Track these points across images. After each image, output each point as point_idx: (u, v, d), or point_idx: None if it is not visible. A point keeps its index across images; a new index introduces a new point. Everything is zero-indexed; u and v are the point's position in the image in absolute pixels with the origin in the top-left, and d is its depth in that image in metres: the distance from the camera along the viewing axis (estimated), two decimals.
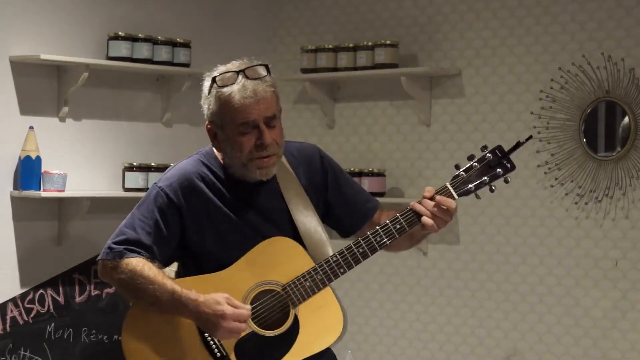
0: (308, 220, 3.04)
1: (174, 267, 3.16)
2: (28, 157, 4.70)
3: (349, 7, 5.50)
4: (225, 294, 2.91)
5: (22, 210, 4.79)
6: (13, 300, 4.77)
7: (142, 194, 4.95)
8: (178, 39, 5.20)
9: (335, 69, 5.31)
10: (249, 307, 2.92)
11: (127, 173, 4.99)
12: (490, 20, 5.06)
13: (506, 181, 3.03)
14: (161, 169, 5.06)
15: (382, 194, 5.15)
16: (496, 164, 2.99)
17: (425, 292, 5.21)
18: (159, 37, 5.12)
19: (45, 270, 4.88)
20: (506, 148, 3.01)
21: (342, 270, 2.97)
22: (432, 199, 2.97)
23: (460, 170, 3.00)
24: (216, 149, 3.03)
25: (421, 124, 5.25)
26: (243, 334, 2.92)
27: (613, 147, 4.70)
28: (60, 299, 4.92)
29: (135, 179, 4.98)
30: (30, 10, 4.80)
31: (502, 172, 3.00)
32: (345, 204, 3.14)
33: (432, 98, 5.21)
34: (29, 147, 4.71)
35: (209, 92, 2.98)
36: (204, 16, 5.51)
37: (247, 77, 2.94)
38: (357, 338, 5.30)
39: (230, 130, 2.94)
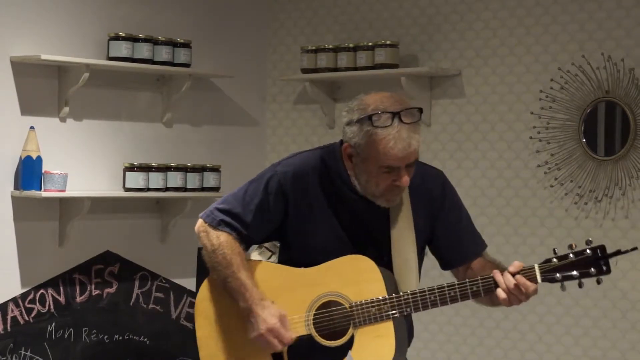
0: (405, 248, 3.06)
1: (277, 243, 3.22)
2: (29, 157, 4.70)
3: (349, 7, 5.51)
4: (285, 313, 2.97)
5: (23, 210, 4.79)
6: (14, 300, 4.77)
7: (142, 194, 5.02)
8: (178, 39, 5.20)
9: (336, 69, 5.31)
10: (294, 337, 2.97)
11: (127, 173, 4.99)
12: (490, 20, 5.06)
13: (598, 282, 2.97)
14: (162, 169, 5.07)
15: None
16: (592, 262, 2.94)
17: None
18: (160, 37, 5.12)
19: (46, 270, 4.88)
20: (609, 250, 2.95)
21: (408, 309, 3.02)
22: (514, 275, 2.95)
23: (554, 256, 2.96)
24: (347, 167, 3.04)
25: (421, 124, 5.25)
26: (299, 335, 2.98)
27: (613, 147, 4.71)
28: (61, 299, 4.92)
29: (136, 179, 4.98)
30: (30, 10, 4.80)
31: (595, 272, 2.94)
32: (449, 240, 3.15)
33: (432, 98, 5.21)
34: (30, 147, 4.71)
35: (360, 124, 2.94)
36: (204, 16, 5.51)
37: (402, 122, 2.92)
38: None
39: (371, 166, 2.95)
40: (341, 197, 3.05)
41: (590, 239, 2.97)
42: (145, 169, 5.02)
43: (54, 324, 4.88)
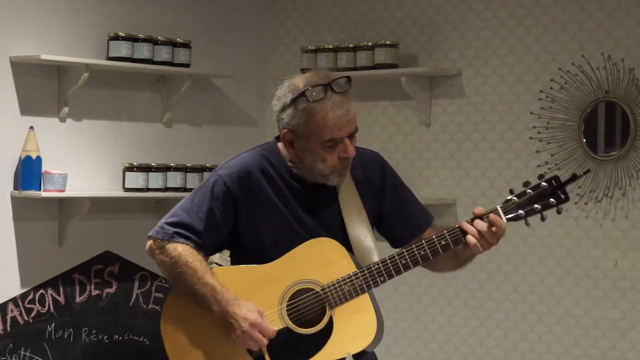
0: (359, 226, 3.07)
1: (225, 255, 3.21)
2: (28, 157, 4.70)
3: (349, 7, 5.51)
4: (260, 309, 2.96)
5: (23, 210, 4.79)
6: (13, 300, 4.77)
7: (142, 194, 5.02)
8: (178, 39, 5.20)
9: (335, 69, 5.31)
10: (276, 329, 2.96)
11: (127, 173, 4.99)
12: (490, 20, 5.06)
13: (559, 212, 3.00)
14: (161, 169, 5.07)
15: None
16: (550, 193, 2.98)
17: (425, 292, 5.22)
18: (159, 37, 5.12)
19: (45, 270, 4.88)
20: (563, 179, 2.99)
21: (382, 278, 3.00)
22: (480, 219, 2.98)
23: (513, 195, 3.00)
24: (289, 154, 3.05)
25: (421, 124, 5.25)
26: (277, 328, 2.97)
27: (613, 147, 4.71)
28: (61, 299, 4.92)
29: (136, 179, 4.98)
30: (30, 10, 4.81)
31: (555, 202, 2.98)
32: (398, 216, 3.17)
33: (432, 98, 5.21)
34: (30, 147, 4.71)
35: (295, 105, 2.98)
36: (204, 16, 5.51)
37: (334, 91, 2.97)
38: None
39: (314, 143, 2.97)
40: (288, 189, 3.05)
41: (543, 173, 3.04)
42: (145, 169, 5.03)
43: (53, 324, 4.88)
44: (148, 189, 5.02)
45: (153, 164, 5.07)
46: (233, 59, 5.61)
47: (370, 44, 5.22)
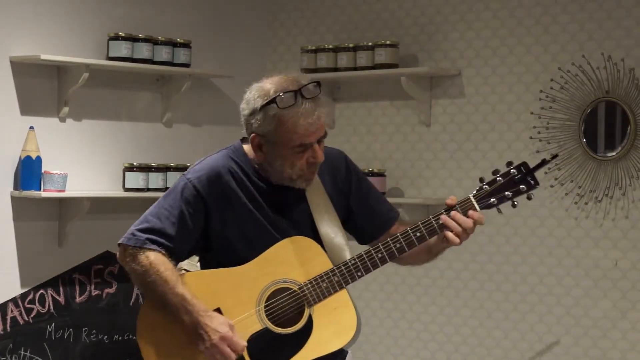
0: (329, 224, 3.07)
1: (193, 261, 3.20)
2: (28, 157, 4.70)
3: (349, 7, 5.51)
4: (232, 323, 2.94)
5: (23, 210, 4.79)
6: (13, 300, 4.77)
7: (142, 194, 5.02)
8: (178, 39, 5.20)
9: (336, 69, 5.31)
10: (245, 343, 2.94)
11: (127, 173, 4.99)
12: (490, 20, 5.06)
13: (529, 198, 3.05)
14: (161, 169, 5.07)
15: (382, 194, 5.15)
16: (520, 180, 3.03)
17: (425, 292, 5.22)
18: (159, 38, 5.12)
19: (45, 270, 4.88)
20: (531, 165, 3.03)
21: (359, 273, 3.01)
22: (454, 208, 2.99)
23: (484, 183, 3.04)
24: (257, 158, 3.04)
25: (421, 124, 5.25)
26: (255, 331, 2.96)
27: (613, 147, 4.71)
28: (61, 299, 4.92)
29: (136, 179, 4.98)
30: (30, 10, 4.81)
31: (525, 188, 3.02)
32: (366, 211, 3.18)
33: (432, 98, 5.21)
34: (30, 147, 4.71)
35: (264, 111, 2.97)
36: (204, 16, 5.51)
37: (304, 98, 2.95)
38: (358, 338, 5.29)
39: (283, 148, 2.97)
40: (256, 190, 3.05)
41: (511, 160, 3.09)
42: (145, 169, 5.03)
43: (53, 324, 4.88)
44: (148, 189, 5.02)
45: (153, 164, 5.07)
46: (233, 59, 5.61)
47: (370, 44, 5.22)
